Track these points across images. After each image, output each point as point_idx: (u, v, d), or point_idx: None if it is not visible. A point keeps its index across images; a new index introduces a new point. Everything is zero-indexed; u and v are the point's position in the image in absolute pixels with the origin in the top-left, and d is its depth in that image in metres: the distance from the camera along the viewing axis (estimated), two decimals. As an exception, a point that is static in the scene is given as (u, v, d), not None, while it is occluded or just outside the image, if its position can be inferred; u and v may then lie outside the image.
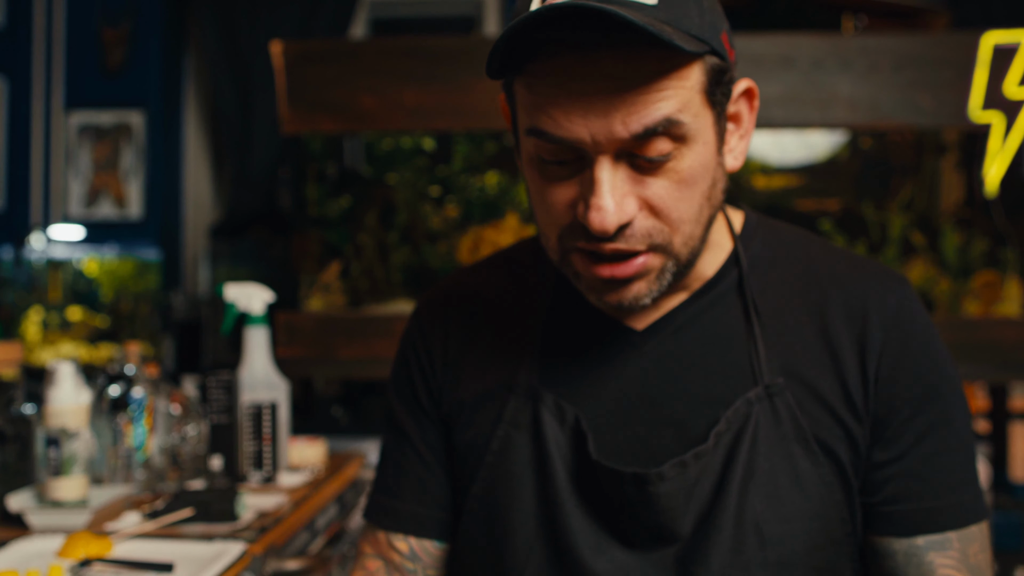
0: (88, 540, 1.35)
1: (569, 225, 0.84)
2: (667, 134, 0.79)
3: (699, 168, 0.83)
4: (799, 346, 0.91)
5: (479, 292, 1.03)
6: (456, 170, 2.92)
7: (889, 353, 0.90)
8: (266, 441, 1.75)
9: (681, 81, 0.79)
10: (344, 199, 2.97)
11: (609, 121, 0.78)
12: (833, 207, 2.83)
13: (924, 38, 2.72)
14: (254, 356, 1.89)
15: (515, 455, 0.93)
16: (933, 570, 0.89)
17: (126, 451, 1.72)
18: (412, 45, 2.78)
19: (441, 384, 1.00)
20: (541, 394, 0.93)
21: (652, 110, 0.78)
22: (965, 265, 2.79)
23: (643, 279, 0.85)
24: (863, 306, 0.91)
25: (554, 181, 0.83)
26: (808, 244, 0.97)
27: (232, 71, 4.18)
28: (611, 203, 0.79)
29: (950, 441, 0.91)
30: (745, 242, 0.96)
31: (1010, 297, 2.75)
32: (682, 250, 0.85)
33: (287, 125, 2.81)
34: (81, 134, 4.25)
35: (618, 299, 0.86)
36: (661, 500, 0.87)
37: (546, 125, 0.80)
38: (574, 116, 0.78)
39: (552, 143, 0.81)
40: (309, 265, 2.95)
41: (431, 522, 0.99)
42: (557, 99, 0.79)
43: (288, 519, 1.58)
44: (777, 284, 0.94)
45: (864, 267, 0.95)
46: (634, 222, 0.82)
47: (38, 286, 3.94)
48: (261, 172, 4.13)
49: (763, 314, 0.92)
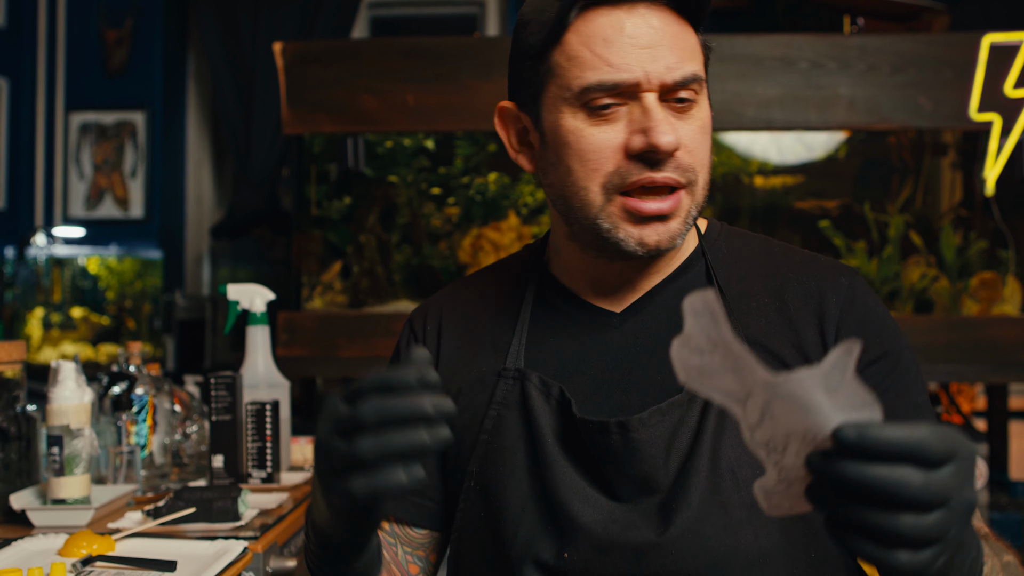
0: (90, 539, 1.36)
1: (616, 169, 0.94)
2: (695, 84, 0.94)
3: (709, 123, 0.98)
4: (762, 322, 1.01)
5: (471, 296, 1.13)
6: (457, 170, 2.92)
7: (844, 322, 1.00)
8: (268, 440, 1.76)
9: (696, 45, 0.97)
10: (345, 199, 2.97)
11: (656, 64, 0.92)
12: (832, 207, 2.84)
13: (924, 39, 2.72)
14: (255, 355, 1.90)
15: (506, 431, 1.01)
16: None
17: (128, 450, 1.73)
18: (412, 45, 2.79)
19: None
20: (528, 374, 1.02)
21: (686, 63, 0.94)
22: (964, 265, 2.79)
23: (678, 217, 0.96)
24: (819, 287, 1.02)
25: (601, 126, 0.94)
26: (768, 244, 1.09)
27: (233, 71, 4.18)
28: (667, 125, 0.92)
29: (909, 399, 0.99)
30: (710, 241, 1.08)
31: (1009, 297, 2.76)
32: (700, 193, 0.98)
33: (288, 126, 2.81)
34: (83, 134, 4.26)
35: (657, 238, 0.95)
36: (643, 447, 0.95)
37: (606, 74, 0.92)
38: (630, 59, 0.92)
39: (607, 90, 0.93)
40: (310, 265, 2.95)
41: (405, 508, 1.07)
42: (614, 45, 0.92)
43: (289, 518, 1.59)
44: (741, 273, 1.05)
45: (818, 259, 1.06)
46: (676, 154, 0.94)
47: (41, 286, 3.95)
48: (262, 172, 4.13)
49: (728, 297, 1.03)
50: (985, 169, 2.70)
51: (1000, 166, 2.69)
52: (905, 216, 2.80)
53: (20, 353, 1.69)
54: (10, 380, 1.66)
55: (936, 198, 2.88)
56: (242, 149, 4.15)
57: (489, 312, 1.10)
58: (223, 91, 4.19)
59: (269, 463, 1.76)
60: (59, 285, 3.97)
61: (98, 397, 1.86)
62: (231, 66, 4.18)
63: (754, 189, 2.83)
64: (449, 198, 2.93)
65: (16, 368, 1.68)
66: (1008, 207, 2.77)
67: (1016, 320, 2.68)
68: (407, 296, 2.93)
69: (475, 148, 2.91)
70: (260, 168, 4.13)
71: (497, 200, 2.90)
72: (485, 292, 1.13)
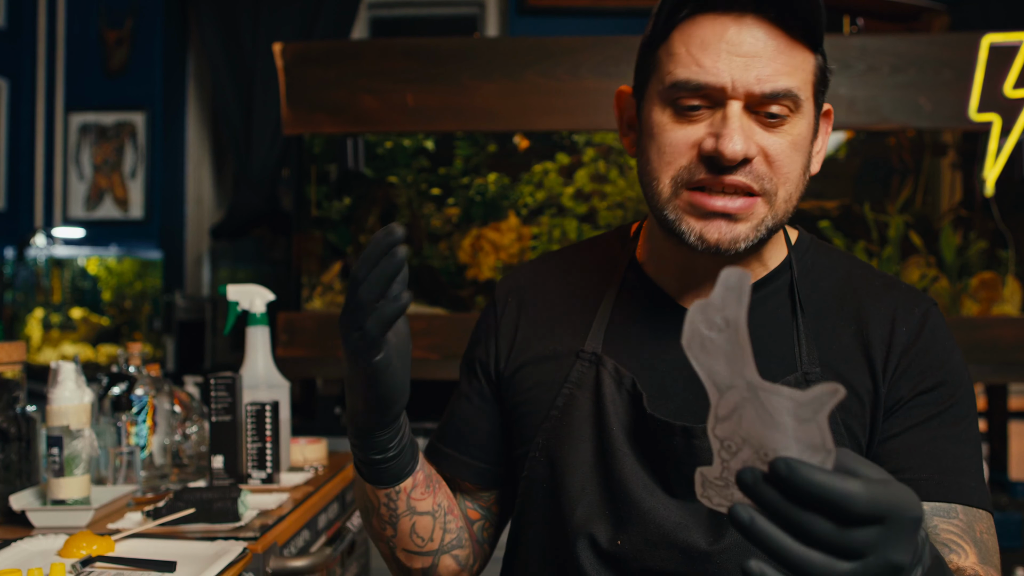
0: (90, 539, 1.36)
1: (688, 165, 0.97)
2: (788, 100, 0.95)
3: (804, 140, 0.99)
4: (836, 344, 1.03)
5: (557, 272, 1.18)
6: (457, 171, 2.92)
7: (910, 351, 1.02)
8: (267, 441, 1.76)
9: (803, 64, 0.97)
10: (345, 199, 2.97)
11: (747, 74, 0.94)
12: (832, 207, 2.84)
13: (924, 39, 2.72)
14: (255, 356, 1.90)
15: (576, 411, 1.06)
16: (936, 533, 0.95)
17: (128, 451, 1.73)
18: (412, 45, 2.79)
19: (509, 350, 1.15)
20: (603, 359, 1.06)
21: (782, 77, 0.95)
22: (964, 265, 2.79)
23: (747, 222, 0.98)
24: (892, 315, 1.04)
25: (684, 123, 0.97)
26: (851, 264, 1.11)
27: (233, 72, 4.18)
28: (740, 134, 0.94)
29: (956, 432, 0.99)
30: (799, 253, 1.10)
31: (1009, 297, 2.76)
32: (781, 207, 0.99)
33: (288, 126, 2.81)
34: (83, 135, 4.26)
35: (718, 235, 0.97)
36: (703, 454, 0.97)
37: (693, 74, 0.95)
38: (721, 64, 0.94)
39: (693, 89, 0.96)
40: (310, 265, 2.95)
41: (461, 466, 1.17)
42: (710, 48, 0.95)
43: (289, 518, 1.59)
44: (822, 292, 1.07)
45: (897, 286, 1.08)
46: (753, 163, 0.96)
47: (40, 286, 3.95)
48: (262, 172, 4.13)
49: (807, 314, 1.05)
50: (985, 169, 2.70)
51: (1000, 166, 2.69)
52: (905, 216, 2.80)
53: (20, 354, 1.69)
54: (10, 381, 1.66)
55: (936, 198, 2.89)
56: (242, 149, 4.15)
57: (573, 291, 1.14)
58: (223, 91, 4.19)
59: (269, 464, 1.76)
60: (59, 285, 3.97)
61: (98, 398, 1.86)
62: (231, 66, 4.18)
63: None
64: (449, 198, 2.93)
65: (16, 369, 1.68)
66: (1008, 207, 2.77)
67: (1016, 320, 2.68)
68: (407, 296, 2.93)
69: (475, 148, 2.91)
70: (260, 168, 4.13)
71: (497, 200, 2.90)
72: (572, 270, 1.17)
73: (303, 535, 1.65)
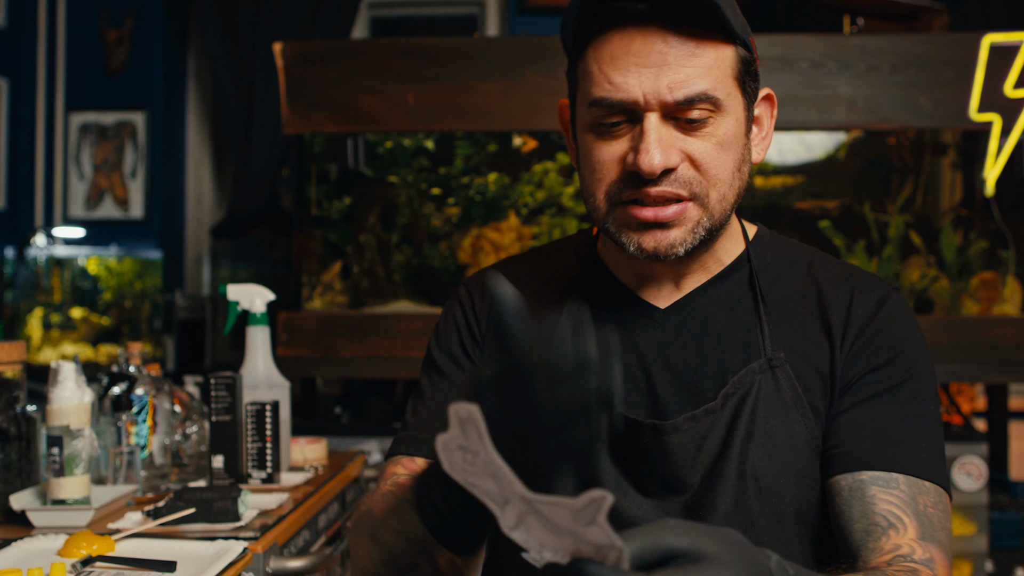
0: (90, 539, 1.36)
1: (618, 178, 0.98)
2: (706, 102, 0.95)
3: (732, 138, 0.98)
4: (800, 330, 1.04)
5: (522, 273, 1.17)
6: (457, 170, 2.92)
7: (865, 331, 1.03)
8: (268, 440, 1.76)
9: (719, 61, 0.96)
10: (345, 199, 2.97)
11: (658, 85, 0.94)
12: (833, 207, 2.84)
13: (924, 39, 2.72)
14: (255, 356, 1.90)
15: None
16: (874, 503, 0.94)
17: (128, 450, 1.73)
18: (412, 45, 2.79)
19: (482, 345, 1.13)
20: None
21: (695, 81, 0.94)
22: (964, 265, 2.79)
23: (681, 227, 0.98)
24: (850, 298, 1.05)
25: (607, 141, 0.98)
26: (811, 256, 1.12)
27: (233, 71, 4.18)
28: (656, 148, 0.94)
29: (908, 408, 0.99)
30: (757, 246, 1.10)
31: (1009, 297, 2.76)
32: (716, 207, 0.99)
33: (288, 126, 2.81)
34: (83, 135, 4.26)
35: (655, 244, 0.98)
36: (674, 450, 0.99)
37: (607, 92, 0.96)
38: (631, 79, 0.94)
39: (609, 107, 0.96)
40: (310, 265, 2.95)
41: (419, 447, 1.08)
42: (619, 64, 0.95)
43: (289, 518, 1.59)
44: (784, 283, 1.08)
45: (855, 274, 1.09)
46: (678, 170, 0.96)
47: (40, 286, 3.95)
48: (263, 172, 4.13)
49: (769, 304, 1.06)
50: (985, 169, 2.70)
51: (1000, 166, 2.69)
52: (905, 216, 2.80)
53: (20, 353, 1.69)
54: (10, 380, 1.66)
55: (936, 198, 2.88)
56: (242, 149, 4.15)
57: (539, 291, 1.14)
58: (223, 91, 4.19)
59: (269, 463, 1.76)
60: (59, 285, 3.97)
61: (98, 397, 1.86)
62: (231, 66, 4.18)
63: (754, 189, 2.83)
64: (449, 198, 2.93)
65: (16, 368, 1.68)
66: (1008, 207, 2.77)
67: (1016, 320, 2.68)
68: (407, 296, 2.93)
69: (475, 148, 2.91)
70: (260, 168, 4.13)
71: (497, 200, 2.90)
72: (536, 270, 1.17)
73: (303, 535, 1.65)
